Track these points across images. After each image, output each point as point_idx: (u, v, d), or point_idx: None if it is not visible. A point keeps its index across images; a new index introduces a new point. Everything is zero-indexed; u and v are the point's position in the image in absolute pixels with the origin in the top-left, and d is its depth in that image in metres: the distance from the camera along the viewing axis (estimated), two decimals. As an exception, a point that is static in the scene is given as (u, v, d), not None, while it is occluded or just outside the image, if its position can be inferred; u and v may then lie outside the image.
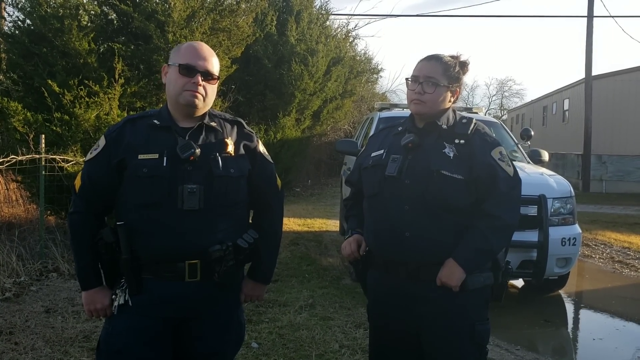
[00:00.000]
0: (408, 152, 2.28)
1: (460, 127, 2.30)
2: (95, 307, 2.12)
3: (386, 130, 2.51)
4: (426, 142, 2.28)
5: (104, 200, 2.11)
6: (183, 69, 2.04)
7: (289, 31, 13.00)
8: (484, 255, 2.23)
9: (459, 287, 2.18)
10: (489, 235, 2.19)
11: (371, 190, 2.36)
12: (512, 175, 2.27)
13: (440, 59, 2.30)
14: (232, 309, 2.21)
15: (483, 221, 2.21)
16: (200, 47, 2.11)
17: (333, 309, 4.95)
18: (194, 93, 2.04)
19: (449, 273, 2.18)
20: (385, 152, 2.35)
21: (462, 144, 2.26)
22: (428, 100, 2.26)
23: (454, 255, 2.19)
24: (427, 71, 2.27)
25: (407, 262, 2.25)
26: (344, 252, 2.43)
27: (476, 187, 2.22)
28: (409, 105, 2.33)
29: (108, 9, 7.96)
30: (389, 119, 7.13)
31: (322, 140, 18.41)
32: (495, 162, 2.24)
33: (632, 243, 8.92)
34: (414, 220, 2.22)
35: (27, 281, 5.49)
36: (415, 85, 2.28)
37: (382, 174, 2.29)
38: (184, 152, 2.01)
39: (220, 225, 2.06)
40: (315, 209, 12.08)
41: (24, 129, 6.54)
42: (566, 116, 24.55)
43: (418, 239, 2.21)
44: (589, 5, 17.90)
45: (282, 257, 6.86)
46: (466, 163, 2.22)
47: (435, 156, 2.24)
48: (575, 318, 5.71)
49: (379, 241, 2.32)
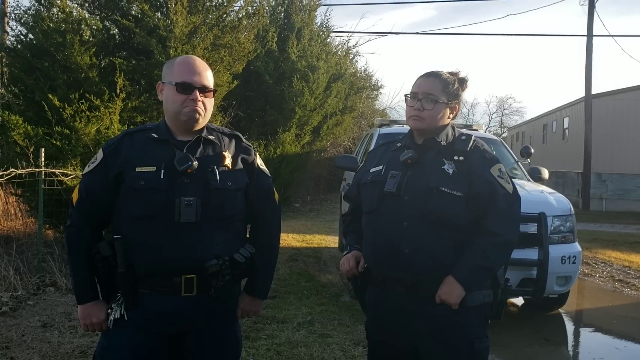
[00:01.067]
0: (407, 168, 2.27)
1: (459, 143, 2.30)
2: (91, 321, 2.11)
3: (385, 146, 2.50)
4: (425, 158, 2.28)
5: (101, 214, 2.11)
6: (180, 87, 2.05)
7: (290, 48, 13.10)
8: (484, 273, 2.22)
9: (458, 305, 2.17)
10: (488, 252, 2.18)
11: (370, 206, 2.35)
12: (512, 193, 2.26)
13: (440, 75, 2.31)
14: (228, 324, 2.19)
15: (482, 238, 2.20)
16: (194, 62, 2.12)
17: (332, 326, 4.91)
18: (194, 108, 2.05)
19: (448, 290, 2.17)
20: (384, 168, 2.34)
21: (461, 161, 2.25)
22: (427, 116, 2.27)
23: (454, 273, 2.17)
24: (426, 88, 2.28)
25: (406, 278, 2.23)
26: (343, 269, 2.41)
27: (475, 204, 2.21)
28: (408, 122, 2.34)
29: (110, 24, 8.02)
30: (388, 135, 7.15)
31: (322, 156, 18.45)
32: (494, 179, 2.24)
33: (632, 262, 8.88)
34: (413, 236, 2.21)
35: (24, 295, 5.46)
36: (414, 101, 2.28)
37: (380, 190, 2.28)
38: (182, 164, 2.01)
39: (217, 238, 2.05)
40: (314, 225, 12.05)
41: (24, 142, 6.55)
42: (566, 134, 24.58)
43: (417, 256, 2.20)
44: (589, 25, 18.04)
45: (280, 273, 6.82)
46: (465, 180, 2.22)
47: (435, 173, 2.24)
48: (576, 337, 5.67)
49: (378, 257, 2.30)
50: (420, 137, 2.35)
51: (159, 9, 8.11)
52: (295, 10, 14.07)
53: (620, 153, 20.10)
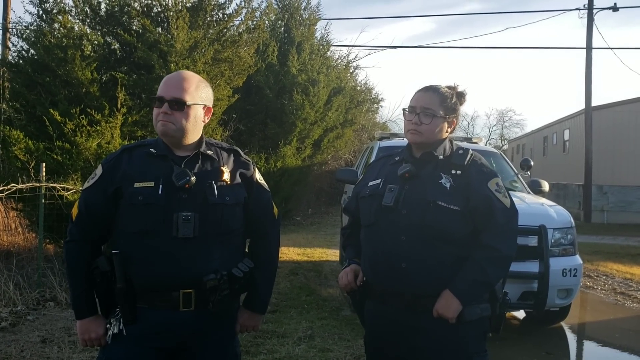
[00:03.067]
0: (405, 182, 2.28)
1: (456, 157, 2.30)
2: (89, 337, 2.10)
3: (383, 160, 2.51)
4: (423, 172, 2.29)
5: (100, 229, 2.11)
6: (155, 101, 2.09)
7: (290, 62, 13.16)
8: (481, 287, 2.21)
9: (456, 319, 2.16)
10: (486, 266, 2.18)
11: (368, 220, 2.35)
12: (509, 207, 2.26)
13: (437, 90, 2.32)
14: (227, 339, 2.18)
15: (480, 252, 2.20)
16: (175, 75, 2.15)
17: (332, 341, 4.89)
18: (163, 122, 2.07)
19: (445, 304, 2.16)
20: (382, 181, 2.35)
21: (458, 175, 2.26)
22: (425, 130, 2.28)
23: (451, 287, 2.17)
24: (424, 102, 2.29)
25: (404, 292, 2.22)
26: (341, 283, 2.41)
27: (473, 218, 2.22)
28: (406, 135, 2.35)
29: (111, 39, 8.09)
30: (389, 148, 7.16)
31: (323, 169, 18.46)
32: (491, 193, 2.24)
33: (634, 274, 8.84)
34: (411, 250, 2.20)
35: (24, 310, 5.44)
36: (412, 115, 2.29)
37: (378, 203, 2.28)
38: (180, 179, 2.02)
39: (215, 253, 2.05)
40: (315, 238, 12.03)
41: (25, 157, 6.58)
42: (566, 146, 24.62)
43: (415, 270, 2.19)
44: (588, 37, 18.13)
45: (281, 287, 6.80)
46: (462, 194, 2.22)
47: (432, 186, 2.25)
48: (578, 350, 5.64)
49: (376, 271, 2.30)
50: (418, 151, 2.36)
51: (160, 24, 8.18)
52: (295, 25, 14.17)
53: (621, 165, 20.12)
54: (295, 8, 14.45)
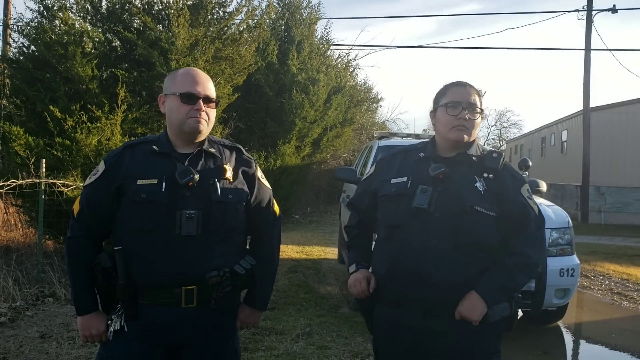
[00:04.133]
0: (437, 183, 2.14)
1: (490, 160, 2.19)
2: (90, 333, 2.10)
3: (402, 155, 2.34)
4: (457, 174, 2.16)
5: (102, 225, 2.11)
6: (184, 97, 2.07)
7: (290, 60, 13.18)
8: (508, 292, 2.16)
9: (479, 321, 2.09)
10: (516, 273, 2.13)
11: (392, 220, 2.20)
12: (538, 214, 2.21)
13: (473, 86, 2.22)
14: (227, 335, 2.19)
15: (512, 259, 2.13)
16: (196, 73, 2.14)
17: (330, 338, 4.91)
18: (198, 119, 2.07)
19: (470, 306, 2.08)
20: (409, 180, 2.19)
21: (491, 179, 2.16)
22: (471, 127, 2.17)
23: (478, 289, 2.08)
24: (469, 97, 2.18)
25: (426, 298, 2.11)
26: (354, 291, 2.27)
27: (505, 225, 2.14)
28: (448, 133, 2.18)
29: (112, 37, 8.09)
30: (388, 147, 7.19)
31: (322, 168, 18.48)
32: (525, 200, 2.18)
33: (631, 275, 8.88)
34: (442, 256, 2.09)
35: (23, 306, 5.45)
36: (457, 110, 2.16)
37: (407, 204, 2.14)
38: (183, 177, 2.02)
39: (217, 251, 2.06)
40: (314, 237, 12.05)
41: (25, 153, 6.59)
42: (564, 147, 24.64)
43: (444, 276, 2.09)
44: (587, 39, 18.16)
45: (279, 285, 6.82)
46: (495, 199, 2.13)
47: (468, 190, 2.14)
48: (575, 350, 5.66)
49: (397, 276, 2.16)
50: (449, 150, 2.22)
51: (161, 21, 8.19)
52: (296, 24, 14.19)
53: (618, 166, 20.14)
54: (295, 7, 14.47)
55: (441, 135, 2.23)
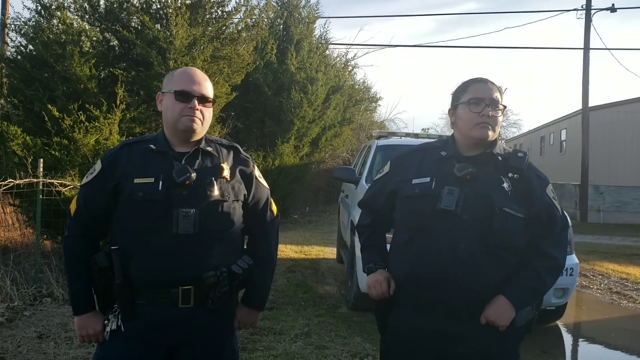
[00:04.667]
0: (464, 184, 2.08)
1: (515, 160, 2.13)
2: (87, 333, 2.10)
3: (420, 153, 2.27)
4: (483, 174, 2.10)
5: (98, 225, 2.11)
6: (179, 95, 2.07)
7: (289, 60, 13.16)
8: (536, 295, 2.13)
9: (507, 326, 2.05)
10: (544, 275, 2.09)
11: (417, 222, 2.12)
12: (562, 215, 2.18)
13: (494, 82, 2.17)
14: (225, 335, 2.18)
15: (539, 260, 2.09)
16: (193, 72, 2.14)
17: (329, 338, 4.90)
18: (191, 118, 2.06)
19: (499, 311, 2.03)
20: (433, 181, 2.12)
21: (516, 179, 2.10)
22: (494, 124, 2.12)
23: (506, 293, 2.03)
24: (492, 94, 2.12)
25: (451, 302, 2.05)
26: (373, 293, 2.20)
27: (533, 226, 2.10)
28: (471, 130, 2.12)
29: (110, 36, 8.08)
30: (387, 146, 7.18)
31: (321, 168, 18.48)
32: (551, 201, 2.14)
33: (630, 274, 8.88)
34: (470, 259, 2.03)
35: (21, 306, 5.44)
36: (480, 107, 2.10)
37: (432, 205, 2.07)
38: (180, 176, 2.02)
39: (214, 250, 2.05)
40: (312, 236, 12.04)
41: (22, 152, 6.57)
42: (563, 146, 24.69)
43: (471, 279, 2.03)
44: (585, 38, 18.16)
45: (278, 285, 6.81)
46: (521, 200, 2.08)
47: (496, 191, 2.07)
48: (574, 349, 5.66)
49: (421, 279, 2.09)
50: (472, 149, 2.16)
51: (159, 20, 8.18)
52: (294, 23, 14.17)
53: (617, 165, 20.19)
54: (294, 6, 14.46)
55: (463, 133, 2.16)
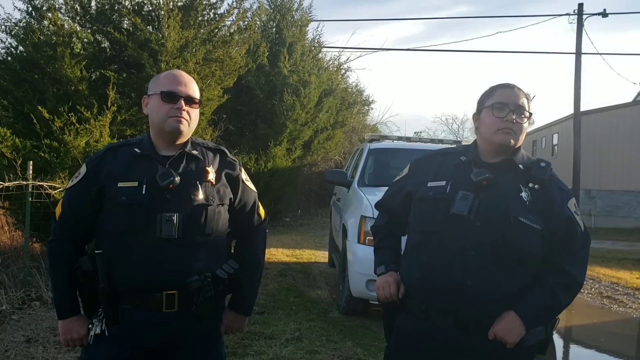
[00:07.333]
0: (479, 190, 2.02)
1: (537, 170, 2.06)
2: (71, 337, 2.08)
3: (441, 157, 2.22)
4: (501, 181, 2.03)
5: (83, 228, 2.09)
6: (165, 96, 2.05)
7: (281, 62, 13.16)
8: (550, 314, 2.04)
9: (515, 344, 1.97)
10: (560, 293, 2.00)
11: (428, 226, 2.07)
12: (584, 231, 2.08)
13: (521, 88, 2.10)
14: (211, 340, 2.16)
15: (555, 277, 2.00)
16: (179, 73, 2.13)
17: (320, 343, 4.88)
18: (178, 118, 2.05)
19: (507, 327, 1.95)
20: (449, 184, 2.08)
21: (537, 190, 2.03)
22: (519, 131, 2.04)
23: (517, 310, 1.96)
24: (517, 100, 2.05)
25: (460, 311, 2.00)
26: (381, 294, 2.15)
27: (551, 239, 2.01)
28: (493, 135, 2.05)
29: (101, 37, 8.04)
30: (379, 149, 7.19)
31: (313, 170, 18.45)
32: (572, 215, 2.05)
33: (620, 278, 8.92)
34: (480, 268, 1.96)
35: (9, 310, 5.38)
36: (504, 112, 2.03)
37: (445, 210, 2.02)
38: (164, 180, 2.00)
39: (199, 254, 2.03)
40: (304, 240, 12.01)
41: (12, 155, 6.51)
42: (555, 150, 24.79)
43: (481, 289, 1.96)
44: (577, 43, 18.25)
45: (269, 289, 6.79)
46: (541, 211, 2.00)
47: (513, 200, 2.01)
48: (565, 353, 5.66)
49: (430, 285, 2.04)
50: (494, 156, 2.09)
51: (151, 22, 8.15)
52: (287, 26, 14.17)
53: (609, 170, 20.30)
54: (287, 9, 14.45)
55: (485, 138, 2.10)
